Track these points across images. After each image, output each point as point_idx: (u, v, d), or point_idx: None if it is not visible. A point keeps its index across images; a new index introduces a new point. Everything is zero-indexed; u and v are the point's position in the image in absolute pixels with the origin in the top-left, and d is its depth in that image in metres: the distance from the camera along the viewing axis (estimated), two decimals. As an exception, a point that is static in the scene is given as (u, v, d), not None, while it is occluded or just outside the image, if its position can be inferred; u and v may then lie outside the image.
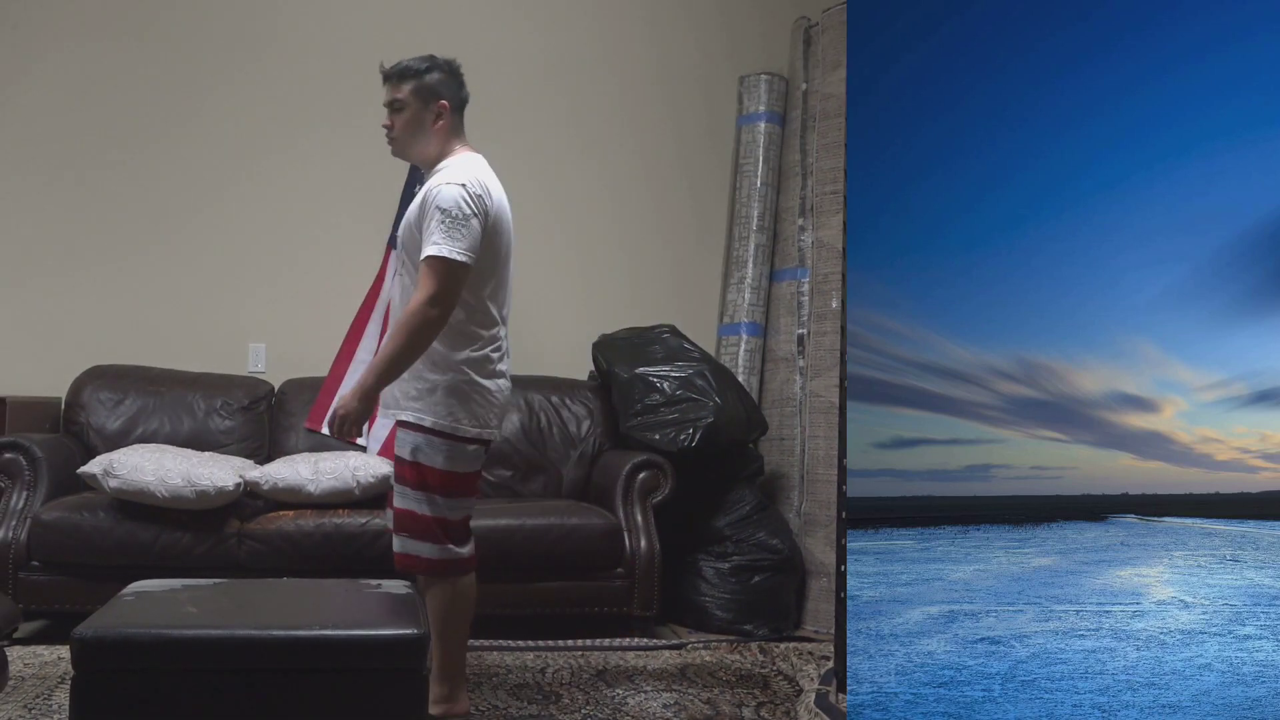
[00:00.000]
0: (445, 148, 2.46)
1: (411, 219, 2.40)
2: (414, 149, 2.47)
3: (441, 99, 2.43)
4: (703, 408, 3.71)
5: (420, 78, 2.41)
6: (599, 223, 4.50)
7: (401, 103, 2.42)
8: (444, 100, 2.43)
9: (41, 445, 3.35)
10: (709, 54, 4.60)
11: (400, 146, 2.48)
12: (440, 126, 2.44)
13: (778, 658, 3.26)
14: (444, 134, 2.45)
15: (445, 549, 2.39)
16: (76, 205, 4.14)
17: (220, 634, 1.75)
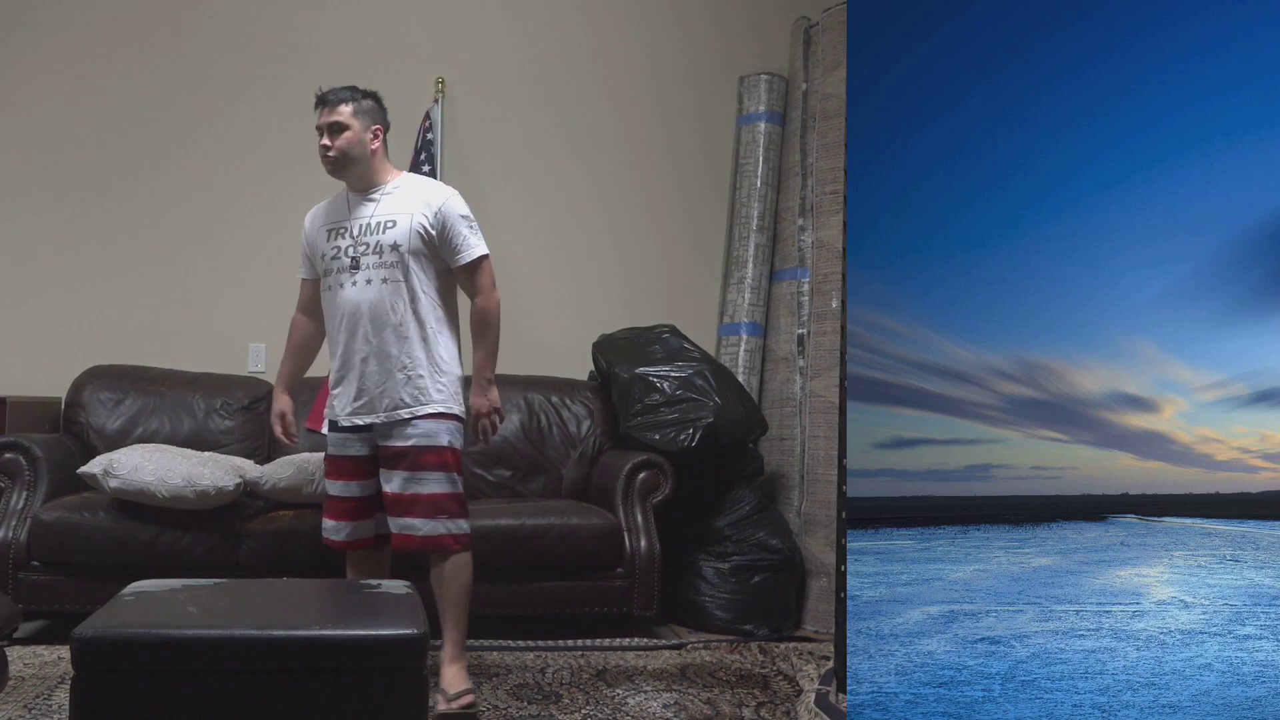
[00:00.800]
0: (384, 167, 2.71)
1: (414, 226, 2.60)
2: (355, 169, 2.67)
3: (377, 124, 2.69)
4: (703, 408, 3.71)
5: (359, 101, 2.66)
6: (599, 223, 4.50)
7: (342, 125, 2.62)
8: (378, 125, 2.69)
9: (41, 445, 3.35)
10: (709, 54, 4.60)
11: (339, 166, 2.66)
12: (378, 148, 2.68)
13: (778, 658, 3.26)
14: (381, 155, 2.71)
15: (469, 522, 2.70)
16: (76, 206, 4.14)
17: (220, 634, 1.75)
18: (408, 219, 2.60)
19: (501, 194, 4.40)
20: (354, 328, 2.62)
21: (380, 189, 2.68)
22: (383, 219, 2.63)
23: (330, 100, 2.64)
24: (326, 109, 2.64)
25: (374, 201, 2.66)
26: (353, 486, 2.72)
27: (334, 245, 2.68)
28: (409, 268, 2.60)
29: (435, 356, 2.63)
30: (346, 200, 2.72)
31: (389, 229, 2.61)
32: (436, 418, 2.61)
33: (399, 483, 2.61)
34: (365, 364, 2.62)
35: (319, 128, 2.64)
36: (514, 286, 4.41)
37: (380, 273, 2.60)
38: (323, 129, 2.64)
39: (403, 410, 2.60)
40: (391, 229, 2.61)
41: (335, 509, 2.75)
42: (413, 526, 2.60)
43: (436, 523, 2.60)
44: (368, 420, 2.64)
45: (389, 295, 2.59)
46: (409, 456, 2.60)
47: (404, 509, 2.61)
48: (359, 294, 2.61)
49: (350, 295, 2.62)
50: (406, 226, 2.60)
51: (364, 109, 2.65)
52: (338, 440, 2.73)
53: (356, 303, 2.61)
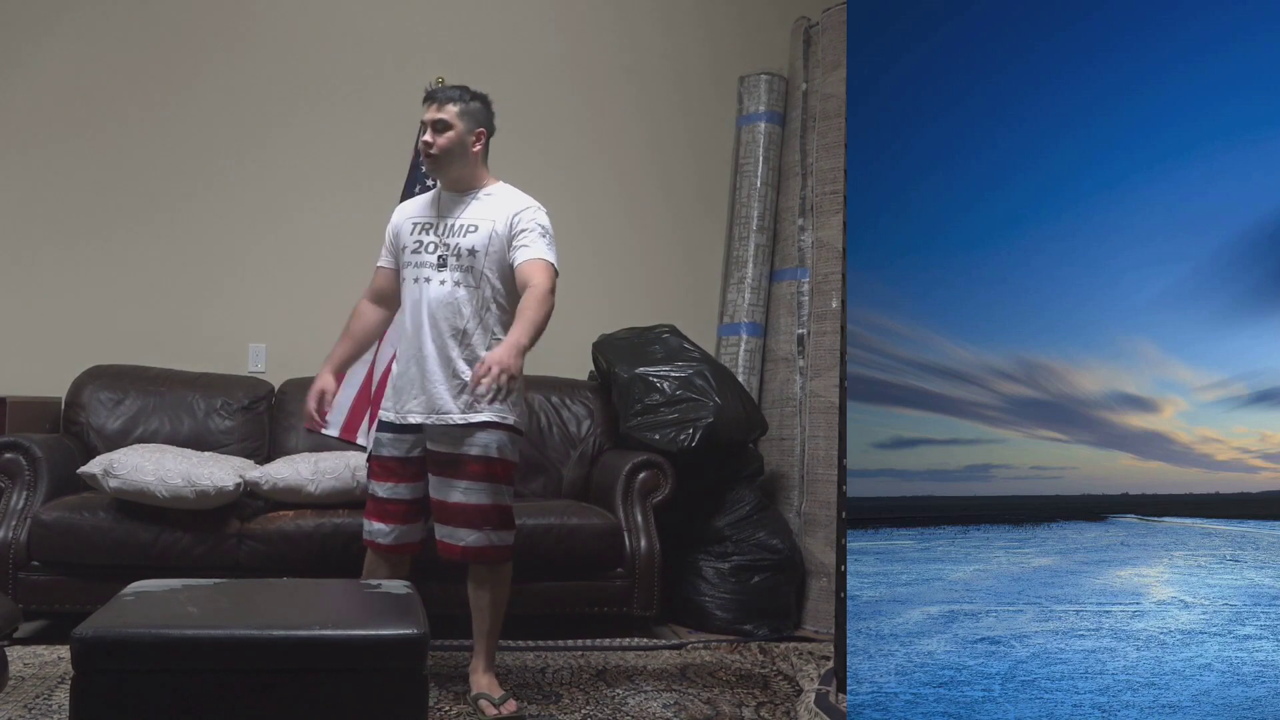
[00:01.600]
0: (481, 172, 2.70)
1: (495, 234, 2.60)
2: (453, 169, 2.65)
3: (481, 126, 2.67)
4: (703, 408, 3.71)
5: (467, 103, 2.64)
6: (598, 223, 4.50)
7: (447, 123, 2.61)
8: (482, 128, 2.67)
9: (41, 445, 3.35)
10: (709, 54, 4.60)
11: (438, 164, 2.65)
12: (478, 152, 2.67)
13: (778, 658, 3.26)
14: (480, 160, 2.69)
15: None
16: (76, 206, 4.14)
17: (220, 634, 1.75)
18: (489, 225, 2.60)
19: (501, 194, 4.40)
20: (421, 325, 2.61)
21: (473, 193, 2.67)
22: (467, 223, 2.63)
23: (439, 97, 2.63)
24: (434, 105, 2.63)
25: (464, 205, 2.66)
26: (402, 489, 2.69)
27: (416, 240, 2.67)
28: (483, 275, 2.60)
29: None
30: (438, 198, 2.72)
31: (470, 233, 2.61)
32: (490, 428, 2.58)
33: (445, 490, 2.59)
34: (426, 363, 2.60)
35: (424, 123, 2.63)
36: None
37: (455, 275, 2.60)
38: (427, 125, 2.63)
39: (455, 416, 2.58)
40: (472, 234, 2.61)
41: (384, 511, 2.69)
42: (456, 535, 2.60)
43: (480, 534, 2.59)
44: (419, 420, 2.61)
45: (460, 299, 2.59)
46: (458, 464, 2.58)
47: (449, 517, 2.60)
48: (432, 292, 2.60)
49: (423, 293, 2.61)
50: (487, 233, 2.60)
51: (470, 110, 2.64)
52: (389, 440, 2.68)
53: (428, 301, 2.60)
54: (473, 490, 2.58)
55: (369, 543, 2.73)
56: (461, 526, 2.59)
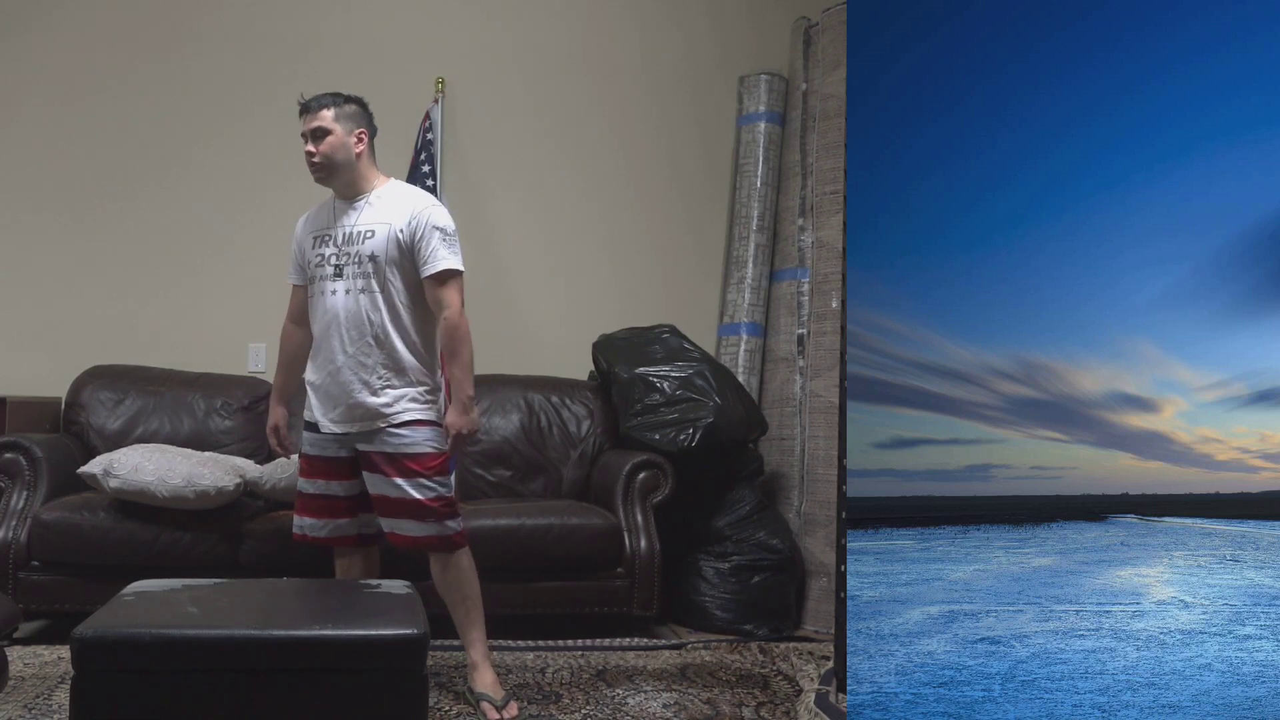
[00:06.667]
0: (371, 173, 2.69)
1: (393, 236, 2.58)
2: (340, 174, 2.65)
3: (361, 127, 2.66)
4: (703, 408, 3.71)
5: (340, 106, 2.64)
6: (599, 223, 4.50)
7: (325, 130, 2.61)
8: (363, 129, 2.66)
9: (41, 445, 3.35)
10: (709, 54, 4.60)
11: (325, 172, 2.65)
12: (362, 152, 2.65)
13: (778, 658, 3.26)
14: (367, 160, 2.67)
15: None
16: (77, 206, 4.14)
17: (220, 634, 1.75)
18: (386, 229, 2.59)
19: (501, 194, 4.40)
20: (329, 338, 2.62)
21: (364, 197, 2.66)
22: (363, 228, 2.62)
23: (312, 106, 2.64)
24: (309, 115, 2.64)
25: (357, 210, 2.65)
26: (334, 485, 2.71)
27: (318, 253, 2.68)
28: (386, 278, 2.58)
29: (411, 366, 2.60)
30: (333, 207, 2.72)
31: (368, 239, 2.60)
32: (414, 425, 2.59)
33: (384, 488, 2.61)
34: (340, 374, 2.60)
35: (303, 134, 2.65)
36: (514, 286, 4.42)
37: (359, 282, 2.60)
38: (307, 135, 2.64)
39: (379, 420, 2.59)
40: (370, 239, 2.60)
41: (315, 506, 2.74)
42: (403, 527, 2.62)
43: (427, 525, 2.60)
44: (344, 429, 2.63)
45: (366, 305, 2.59)
46: (391, 464, 2.59)
47: (392, 511, 2.62)
48: (339, 303, 2.61)
49: (331, 304, 2.62)
50: (384, 237, 2.59)
51: (346, 113, 2.64)
52: (316, 441, 2.70)
53: (336, 311, 2.61)
54: (412, 487, 2.58)
55: (301, 537, 2.76)
56: (407, 518, 2.60)
